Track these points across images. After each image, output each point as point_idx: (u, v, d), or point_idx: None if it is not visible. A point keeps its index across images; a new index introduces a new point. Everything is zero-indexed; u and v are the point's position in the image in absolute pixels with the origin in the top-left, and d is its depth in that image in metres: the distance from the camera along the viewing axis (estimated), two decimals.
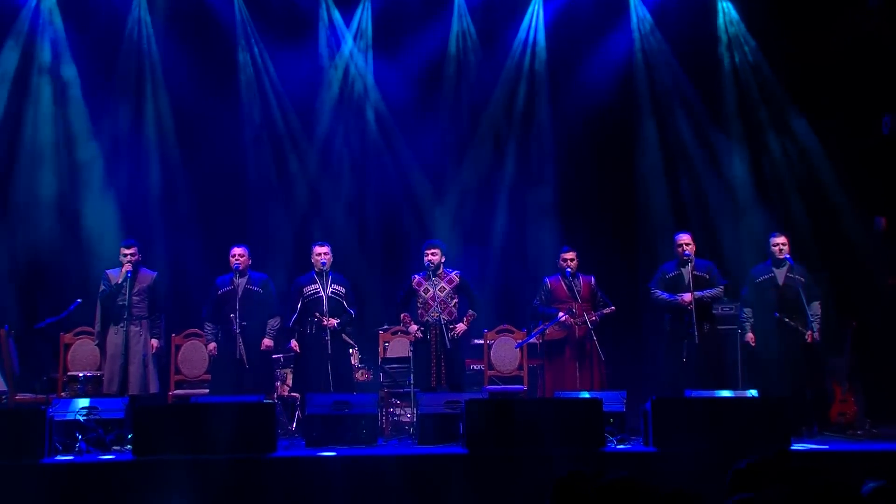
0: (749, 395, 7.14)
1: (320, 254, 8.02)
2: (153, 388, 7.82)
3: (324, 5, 9.99)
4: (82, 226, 9.22)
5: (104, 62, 9.54)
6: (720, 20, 9.95)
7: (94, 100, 9.46)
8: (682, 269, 8.11)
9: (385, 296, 9.16)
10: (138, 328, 7.78)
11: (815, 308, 7.90)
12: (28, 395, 8.07)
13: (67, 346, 8.40)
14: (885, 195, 9.10)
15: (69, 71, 9.38)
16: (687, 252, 8.08)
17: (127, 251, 7.84)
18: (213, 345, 7.97)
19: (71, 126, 9.35)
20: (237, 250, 8.01)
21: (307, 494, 6.05)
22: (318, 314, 7.85)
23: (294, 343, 7.97)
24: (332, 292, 7.98)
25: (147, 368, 7.76)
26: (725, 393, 7.23)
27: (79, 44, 9.46)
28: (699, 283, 8.00)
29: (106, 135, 9.43)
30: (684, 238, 8.19)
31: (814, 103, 9.47)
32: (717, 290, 8.11)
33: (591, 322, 7.96)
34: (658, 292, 8.14)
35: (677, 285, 8.07)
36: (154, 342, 7.82)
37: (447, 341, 7.85)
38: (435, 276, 8.04)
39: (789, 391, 7.52)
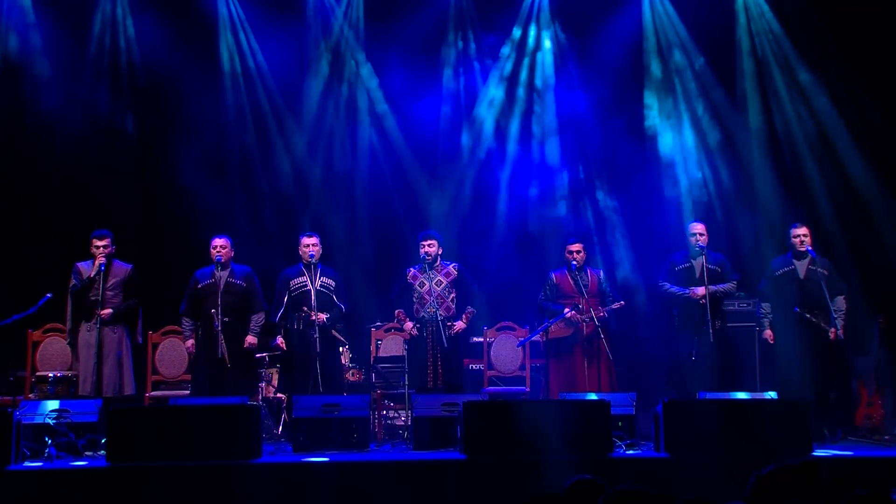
0: (767, 397, 7.15)
1: (308, 245, 8.01)
2: (129, 389, 7.80)
3: None
4: (51, 214, 9.22)
5: (76, 40, 9.52)
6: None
7: (65, 79, 9.44)
8: (693, 261, 8.13)
9: (378, 290, 9.15)
10: (112, 325, 7.77)
11: (839, 303, 7.90)
12: None
13: (36, 344, 8.41)
14: None
15: (36, 48, 9.37)
16: (701, 243, 8.09)
17: (99, 242, 7.81)
18: (190, 342, 7.95)
19: (36, 105, 9.34)
20: (219, 241, 7.98)
21: (294, 503, 6.06)
22: (305, 308, 7.84)
23: (280, 340, 7.97)
24: (320, 286, 7.97)
25: (122, 368, 7.75)
26: (742, 395, 7.23)
27: (47, 21, 9.44)
28: (711, 277, 8.00)
29: (77, 115, 9.42)
30: (698, 227, 8.19)
31: (841, 82, 9.45)
32: (731, 286, 8.14)
33: (599, 318, 7.96)
34: (667, 285, 8.15)
35: (687, 278, 8.08)
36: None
37: (444, 339, 7.86)
38: (431, 269, 8.04)
39: (811, 393, 7.52)
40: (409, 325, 8.02)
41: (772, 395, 7.18)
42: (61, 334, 8.18)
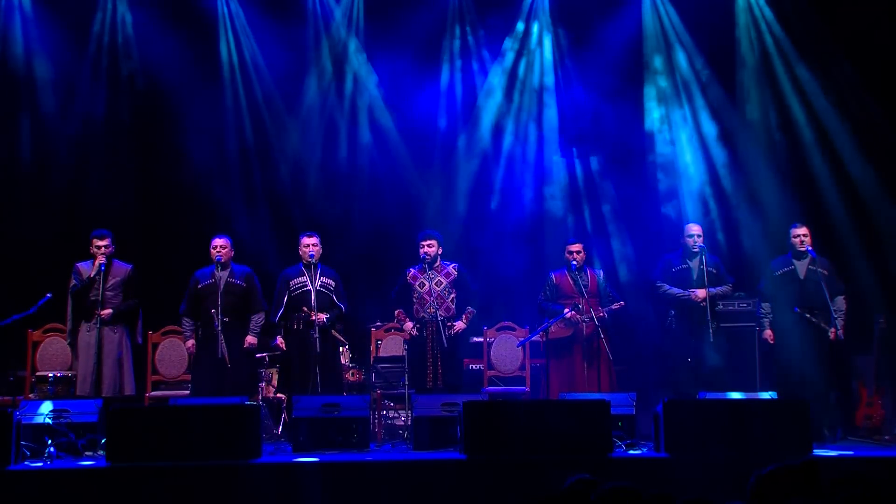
0: (767, 397, 7.15)
1: (308, 245, 8.00)
2: (129, 389, 7.79)
3: None
4: (51, 214, 9.22)
5: (75, 39, 9.53)
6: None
7: (65, 78, 9.46)
8: (690, 263, 8.13)
9: (378, 290, 9.15)
10: (112, 325, 7.76)
11: (839, 303, 7.90)
12: None
13: (36, 344, 8.40)
14: None
15: (36, 47, 9.39)
16: (700, 244, 8.09)
17: (100, 242, 7.81)
18: (191, 342, 7.95)
19: (37, 106, 9.35)
20: (219, 241, 7.97)
21: (293, 503, 6.06)
22: (305, 308, 7.84)
23: (280, 340, 7.97)
24: (320, 286, 7.96)
25: (122, 368, 7.74)
26: (742, 395, 7.23)
27: (46, 20, 9.45)
28: (708, 279, 8.00)
29: (76, 114, 9.43)
30: (696, 228, 8.20)
31: (841, 81, 9.45)
32: (727, 288, 8.18)
33: (599, 319, 7.95)
34: (666, 286, 8.15)
35: (683, 279, 8.09)
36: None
37: (444, 339, 7.86)
38: (431, 269, 8.04)
39: (811, 393, 7.51)
40: (408, 325, 8.02)
41: (772, 395, 7.18)
42: (61, 334, 8.18)
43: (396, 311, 8.12)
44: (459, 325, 8.01)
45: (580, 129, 9.99)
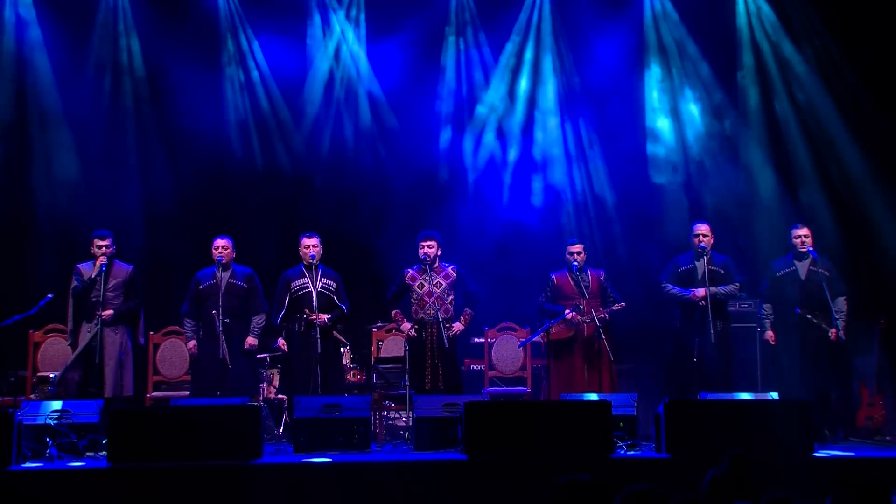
0: (769, 397, 7.15)
1: (309, 246, 8.00)
2: (127, 389, 7.77)
3: None
4: (52, 214, 9.23)
5: (77, 40, 9.55)
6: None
7: (66, 78, 9.47)
8: (697, 263, 8.12)
9: (378, 290, 9.15)
10: (113, 326, 7.75)
11: (840, 304, 7.90)
12: None
13: (37, 345, 8.42)
14: None
15: (36, 48, 9.40)
16: (703, 244, 8.08)
17: (101, 243, 7.80)
18: (192, 343, 7.94)
19: (38, 106, 9.36)
20: (220, 242, 7.97)
21: None
22: (307, 310, 7.84)
23: (282, 342, 7.97)
24: (321, 287, 7.96)
25: (123, 369, 7.73)
26: (743, 396, 7.24)
27: (48, 20, 9.46)
28: (714, 278, 8.00)
29: (78, 116, 9.44)
30: (703, 228, 8.18)
31: (842, 80, 9.45)
32: (733, 287, 8.12)
33: (600, 319, 7.94)
34: (669, 286, 8.15)
35: (690, 279, 8.08)
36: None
37: (444, 340, 7.85)
38: (431, 270, 8.03)
39: (812, 394, 7.53)
40: (406, 325, 8.00)
41: (773, 395, 7.18)
42: (62, 335, 8.18)
43: (394, 312, 8.11)
44: (458, 326, 7.99)
45: (582, 129, 10.00)
